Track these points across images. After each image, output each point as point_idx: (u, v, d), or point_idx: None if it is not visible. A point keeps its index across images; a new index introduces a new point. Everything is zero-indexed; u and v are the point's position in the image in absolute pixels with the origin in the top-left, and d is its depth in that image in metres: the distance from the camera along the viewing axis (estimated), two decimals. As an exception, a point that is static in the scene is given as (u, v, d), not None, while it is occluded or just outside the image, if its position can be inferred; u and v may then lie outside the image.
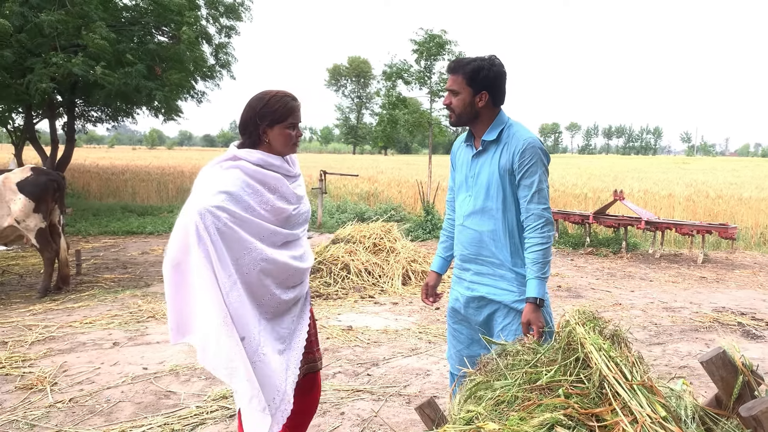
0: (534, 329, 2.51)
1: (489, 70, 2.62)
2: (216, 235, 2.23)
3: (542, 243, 2.57)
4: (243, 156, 2.41)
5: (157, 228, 12.67)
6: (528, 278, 2.58)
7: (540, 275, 2.55)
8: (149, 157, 41.58)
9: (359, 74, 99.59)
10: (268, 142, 2.46)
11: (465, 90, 2.65)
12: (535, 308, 2.53)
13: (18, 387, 4.25)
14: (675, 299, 7.33)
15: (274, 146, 2.46)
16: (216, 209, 2.24)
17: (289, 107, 2.43)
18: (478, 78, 2.62)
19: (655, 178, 25.89)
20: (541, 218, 2.59)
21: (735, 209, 13.75)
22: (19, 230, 6.80)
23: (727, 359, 1.88)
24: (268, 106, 2.42)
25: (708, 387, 4.27)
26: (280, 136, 2.45)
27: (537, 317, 2.52)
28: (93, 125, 18.73)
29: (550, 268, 2.65)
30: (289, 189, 2.50)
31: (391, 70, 14.17)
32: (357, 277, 7.63)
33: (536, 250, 2.57)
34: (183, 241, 2.26)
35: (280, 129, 2.44)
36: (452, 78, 2.69)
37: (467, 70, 2.63)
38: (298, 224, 2.58)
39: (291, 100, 2.45)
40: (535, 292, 2.54)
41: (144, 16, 13.08)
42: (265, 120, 2.42)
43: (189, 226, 2.23)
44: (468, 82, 2.64)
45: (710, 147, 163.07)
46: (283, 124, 2.43)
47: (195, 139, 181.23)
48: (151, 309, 6.35)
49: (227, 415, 3.84)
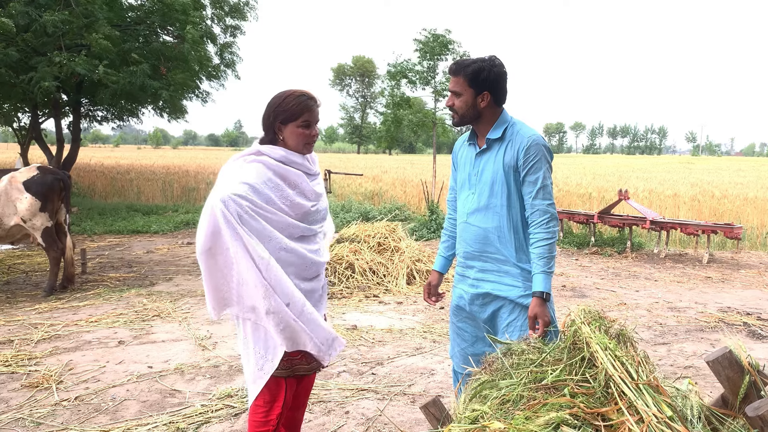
0: (540, 323, 2.52)
1: (490, 71, 2.66)
2: (240, 220, 2.32)
3: (547, 238, 2.60)
4: (266, 152, 2.47)
5: (162, 227, 12.70)
6: (534, 273, 2.60)
7: (546, 270, 2.58)
8: (154, 157, 41.67)
9: (364, 74, 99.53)
10: (283, 139, 2.51)
11: (467, 91, 2.69)
12: (541, 302, 2.54)
13: (24, 385, 4.27)
14: (680, 299, 7.31)
15: (289, 144, 2.51)
16: (238, 197, 2.32)
17: (303, 106, 2.46)
18: (479, 79, 2.66)
19: (660, 177, 25.82)
20: (546, 214, 2.62)
21: (740, 209, 13.70)
22: (25, 229, 6.82)
23: (733, 359, 1.87)
24: (283, 104, 2.46)
25: (714, 387, 4.26)
26: (293, 134, 2.48)
27: (543, 311, 2.54)
28: (99, 124, 18.79)
29: (555, 266, 2.66)
30: (309, 186, 2.56)
31: (395, 69, 14.15)
32: (361, 277, 7.63)
33: (541, 245, 2.59)
34: (210, 228, 2.33)
35: (293, 127, 2.47)
36: (454, 80, 2.73)
37: (468, 71, 2.67)
38: (316, 221, 2.63)
39: (307, 99, 2.48)
40: (542, 286, 2.56)
41: (149, 16, 13.11)
42: (279, 117, 2.47)
43: (215, 212, 2.31)
44: (470, 83, 2.68)
45: (715, 147, 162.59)
46: (296, 122, 2.47)
47: (200, 139, 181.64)
48: (156, 308, 6.37)
49: (232, 414, 3.84)
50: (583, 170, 31.57)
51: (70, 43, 11.45)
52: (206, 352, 5.05)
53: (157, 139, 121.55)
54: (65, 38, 11.15)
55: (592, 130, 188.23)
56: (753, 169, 39.70)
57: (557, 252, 10.77)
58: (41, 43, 11.20)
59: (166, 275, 8.19)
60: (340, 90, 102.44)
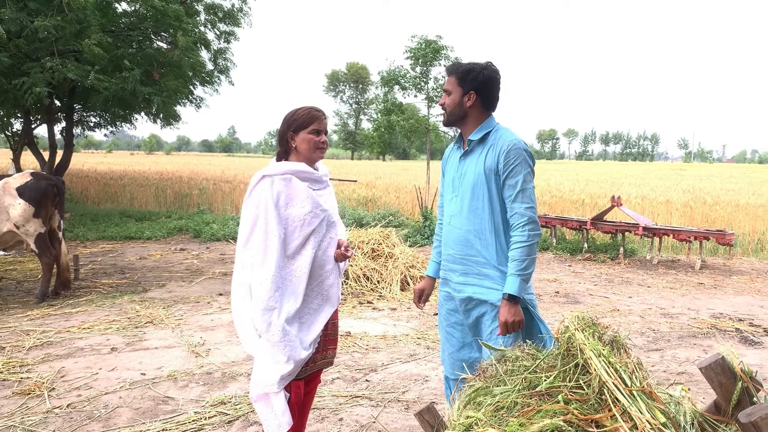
0: (510, 327, 2.54)
1: (480, 73, 2.72)
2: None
3: (523, 241, 2.61)
4: (269, 173, 2.66)
5: (155, 233, 12.66)
6: (508, 274, 2.62)
7: (518, 272, 2.58)
8: (147, 163, 41.57)
9: (357, 80, 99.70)
10: (296, 147, 2.74)
11: (456, 90, 2.77)
12: (510, 305, 2.55)
13: (15, 392, 4.24)
14: (673, 305, 7.34)
15: (301, 151, 2.73)
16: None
17: (312, 115, 2.73)
18: (468, 78, 2.73)
19: (653, 184, 25.92)
20: (524, 217, 2.64)
21: (732, 215, 13.78)
22: (18, 235, 6.79)
23: (725, 365, 1.88)
24: (295, 115, 2.74)
25: (706, 393, 4.27)
26: (305, 140, 2.72)
27: (512, 312, 2.55)
28: (91, 131, 18.73)
29: (534, 268, 2.68)
30: (311, 194, 2.69)
31: (388, 76, 14.19)
32: (355, 283, 7.63)
33: (517, 248, 2.61)
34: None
35: (305, 134, 2.72)
36: (448, 79, 2.82)
37: (460, 71, 2.76)
38: (318, 231, 2.72)
39: (315, 111, 2.75)
40: (511, 288, 2.57)
41: (143, 22, 13.10)
42: (291, 127, 2.73)
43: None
44: (459, 82, 2.76)
45: (707, 153, 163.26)
46: (306, 129, 2.72)
47: (193, 145, 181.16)
48: (149, 314, 6.34)
49: (225, 421, 3.83)
50: (576, 177, 31.67)
51: (63, 49, 11.42)
52: (199, 359, 5.03)
53: (151, 144, 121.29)
54: (58, 44, 11.12)
55: (585, 136, 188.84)
56: (744, 175, 39.94)
57: (550, 257, 10.84)
58: (33, 48, 11.17)
59: (159, 281, 8.16)
60: (334, 96, 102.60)
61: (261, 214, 2.58)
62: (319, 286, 2.74)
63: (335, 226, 2.84)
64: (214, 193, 18.99)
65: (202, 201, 18.25)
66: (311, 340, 2.67)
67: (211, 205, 17.98)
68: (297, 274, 2.63)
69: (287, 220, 2.60)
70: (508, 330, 2.56)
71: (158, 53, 12.92)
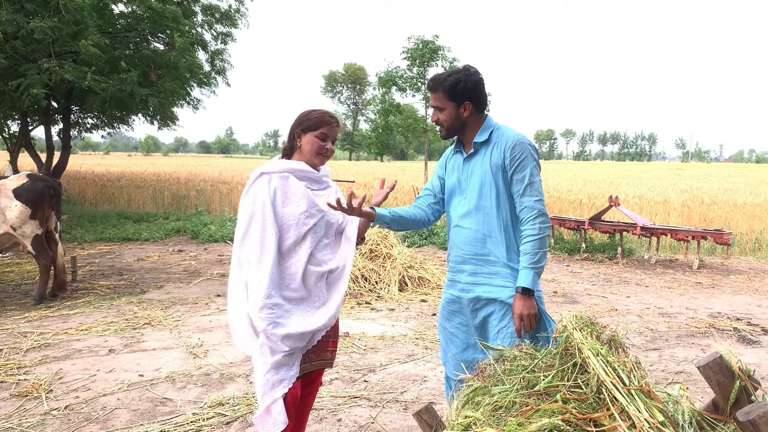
0: (525, 319, 2.53)
1: (467, 81, 2.70)
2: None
3: (535, 234, 2.60)
4: (267, 170, 2.65)
5: (153, 235, 12.64)
6: (520, 268, 2.61)
7: (531, 265, 2.58)
8: (145, 164, 41.50)
9: (355, 81, 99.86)
10: (300, 146, 2.72)
11: (448, 105, 2.74)
12: (524, 297, 2.55)
13: (13, 394, 4.23)
14: (671, 305, 7.34)
15: (304, 151, 2.72)
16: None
17: (323, 120, 2.71)
18: (458, 91, 2.70)
19: (650, 184, 25.95)
20: (534, 210, 2.63)
21: (730, 215, 13.79)
22: (15, 237, 6.77)
23: (724, 364, 1.88)
24: (308, 116, 2.74)
25: (704, 392, 4.28)
26: (309, 142, 2.70)
27: (527, 305, 2.54)
28: (89, 132, 18.71)
29: (546, 261, 2.67)
30: (308, 194, 2.66)
31: (385, 76, 14.20)
32: (353, 283, 7.62)
33: (528, 241, 2.61)
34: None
35: (311, 136, 2.70)
36: (434, 96, 2.78)
37: (446, 85, 2.71)
38: (316, 231, 2.69)
39: (329, 116, 2.74)
40: (525, 281, 2.56)
41: (140, 23, 13.09)
42: (301, 125, 2.72)
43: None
44: (449, 97, 2.72)
45: (705, 153, 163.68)
46: (315, 132, 2.70)
47: (191, 146, 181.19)
48: (147, 316, 6.33)
49: (223, 422, 3.82)
50: (574, 177, 31.70)
51: (60, 50, 11.40)
52: (197, 360, 5.03)
53: (148, 146, 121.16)
54: (55, 45, 11.10)
55: (583, 136, 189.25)
56: (742, 175, 40.02)
57: (548, 257, 10.83)
58: (30, 50, 11.16)
59: (157, 283, 8.15)
60: (331, 97, 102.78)
61: (258, 211, 2.56)
62: (318, 286, 2.73)
63: (334, 227, 2.81)
64: (212, 195, 18.97)
65: (199, 202, 18.23)
66: (307, 338, 2.67)
67: (209, 207, 17.94)
68: (290, 272, 2.61)
69: (282, 218, 2.59)
70: (524, 323, 2.55)
71: (155, 54, 12.90)
